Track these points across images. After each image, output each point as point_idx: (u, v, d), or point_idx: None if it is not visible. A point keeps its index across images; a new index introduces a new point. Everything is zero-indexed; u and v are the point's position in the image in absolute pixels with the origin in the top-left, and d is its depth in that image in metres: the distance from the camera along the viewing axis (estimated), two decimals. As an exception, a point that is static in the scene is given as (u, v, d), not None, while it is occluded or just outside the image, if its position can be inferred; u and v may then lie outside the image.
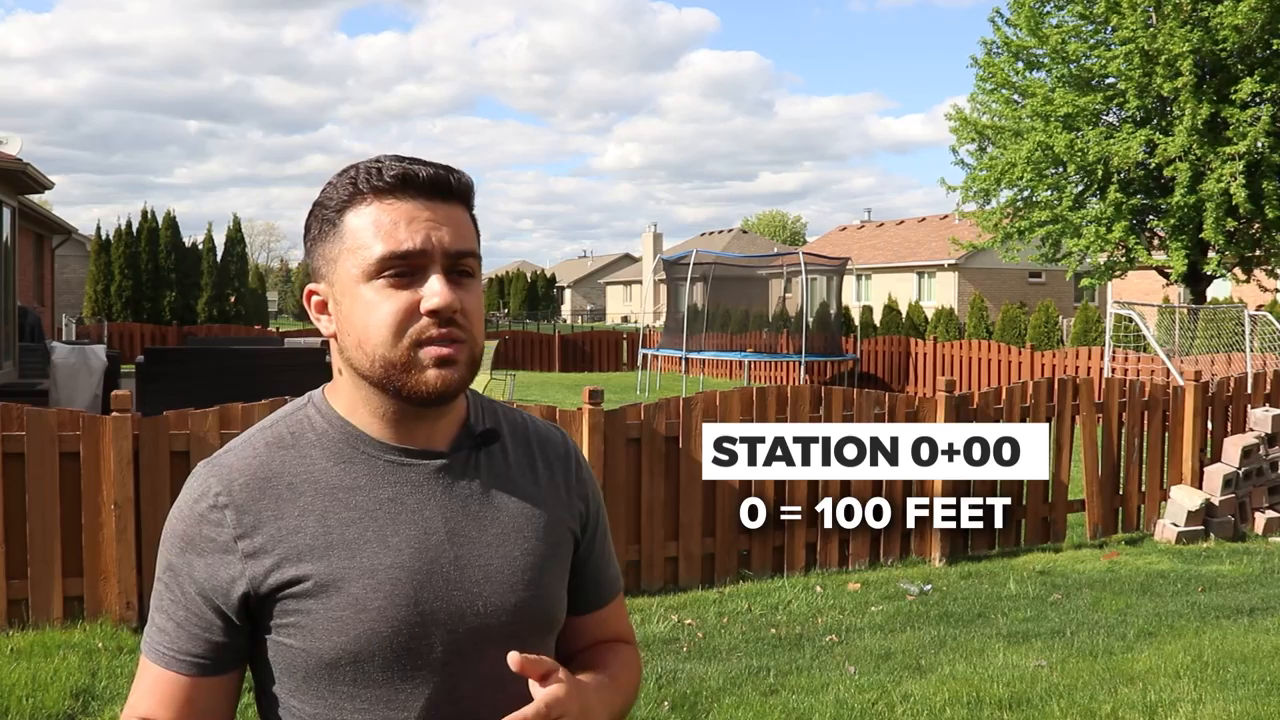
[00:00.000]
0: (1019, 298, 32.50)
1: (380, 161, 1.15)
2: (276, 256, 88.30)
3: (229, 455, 1.17)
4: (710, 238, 63.80)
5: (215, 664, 1.15)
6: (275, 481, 1.15)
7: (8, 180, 12.70)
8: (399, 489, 1.16)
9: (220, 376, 10.08)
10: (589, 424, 5.96)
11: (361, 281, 1.13)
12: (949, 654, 5.03)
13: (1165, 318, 16.08)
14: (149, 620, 1.18)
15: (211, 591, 1.13)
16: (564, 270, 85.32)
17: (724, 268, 21.95)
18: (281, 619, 1.13)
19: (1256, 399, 8.13)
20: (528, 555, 1.20)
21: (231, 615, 1.13)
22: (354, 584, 1.12)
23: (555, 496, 1.27)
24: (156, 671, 1.16)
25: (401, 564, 1.13)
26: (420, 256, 1.12)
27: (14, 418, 5.16)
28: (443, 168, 1.16)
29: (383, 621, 1.11)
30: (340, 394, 1.20)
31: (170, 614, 1.15)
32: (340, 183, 1.15)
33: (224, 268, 32.47)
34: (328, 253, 1.16)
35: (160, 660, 1.15)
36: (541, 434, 1.31)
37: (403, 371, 1.12)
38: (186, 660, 1.14)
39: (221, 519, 1.13)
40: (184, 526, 1.15)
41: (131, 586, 5.20)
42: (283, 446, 1.17)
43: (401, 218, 1.12)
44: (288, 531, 1.13)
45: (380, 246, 1.12)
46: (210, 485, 1.15)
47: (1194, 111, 17.09)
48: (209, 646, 1.14)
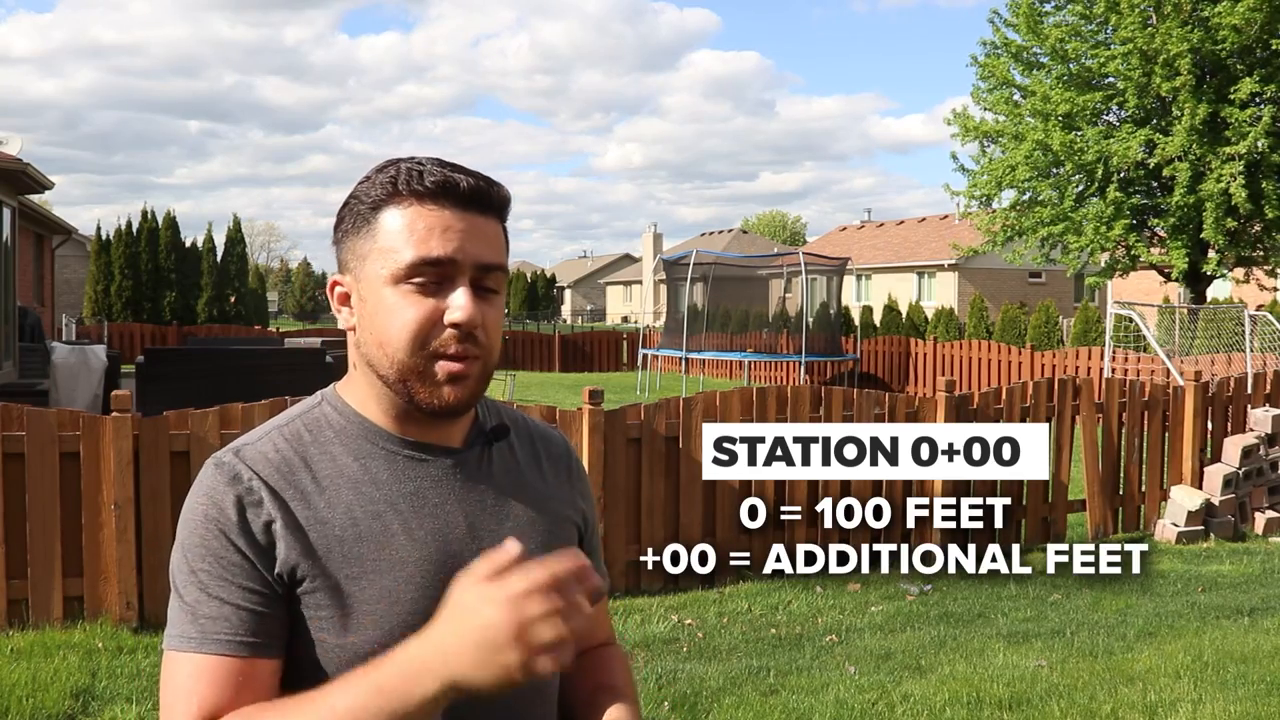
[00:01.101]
0: (1019, 298, 32.49)
1: (423, 164, 1.14)
2: (276, 257, 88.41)
3: (250, 448, 1.16)
4: (710, 238, 63.80)
5: (269, 646, 1.11)
6: (300, 473, 1.14)
7: (8, 180, 12.70)
8: (419, 484, 1.17)
9: (220, 377, 10.08)
10: (589, 424, 5.96)
11: (389, 283, 1.12)
12: (949, 654, 5.03)
13: (1165, 318, 16.08)
14: (181, 616, 1.11)
15: (263, 568, 1.10)
16: (564, 270, 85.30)
17: (724, 268, 21.95)
18: (314, 611, 1.12)
19: (1256, 399, 8.13)
20: (542, 548, 1.20)
21: (279, 594, 1.11)
22: (385, 576, 1.12)
23: (561, 493, 1.29)
24: (203, 661, 1.09)
25: (429, 557, 1.14)
26: (450, 266, 1.12)
27: (14, 418, 5.16)
28: (483, 179, 1.16)
29: (415, 614, 1.11)
30: (354, 390, 1.20)
31: (220, 595, 1.10)
32: (380, 179, 1.14)
33: (224, 268, 32.45)
34: (358, 248, 1.15)
35: (211, 647, 1.09)
36: (541, 433, 1.33)
37: (417, 380, 1.13)
38: (245, 642, 1.09)
39: (261, 500, 1.11)
40: (220, 507, 1.11)
41: (132, 587, 5.19)
42: (303, 441, 1.17)
43: (437, 225, 1.12)
44: (316, 521, 1.12)
45: (412, 251, 1.11)
46: (240, 471, 1.13)
47: (1193, 111, 17.09)
48: (262, 622, 1.10)
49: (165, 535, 5.25)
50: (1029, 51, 19.28)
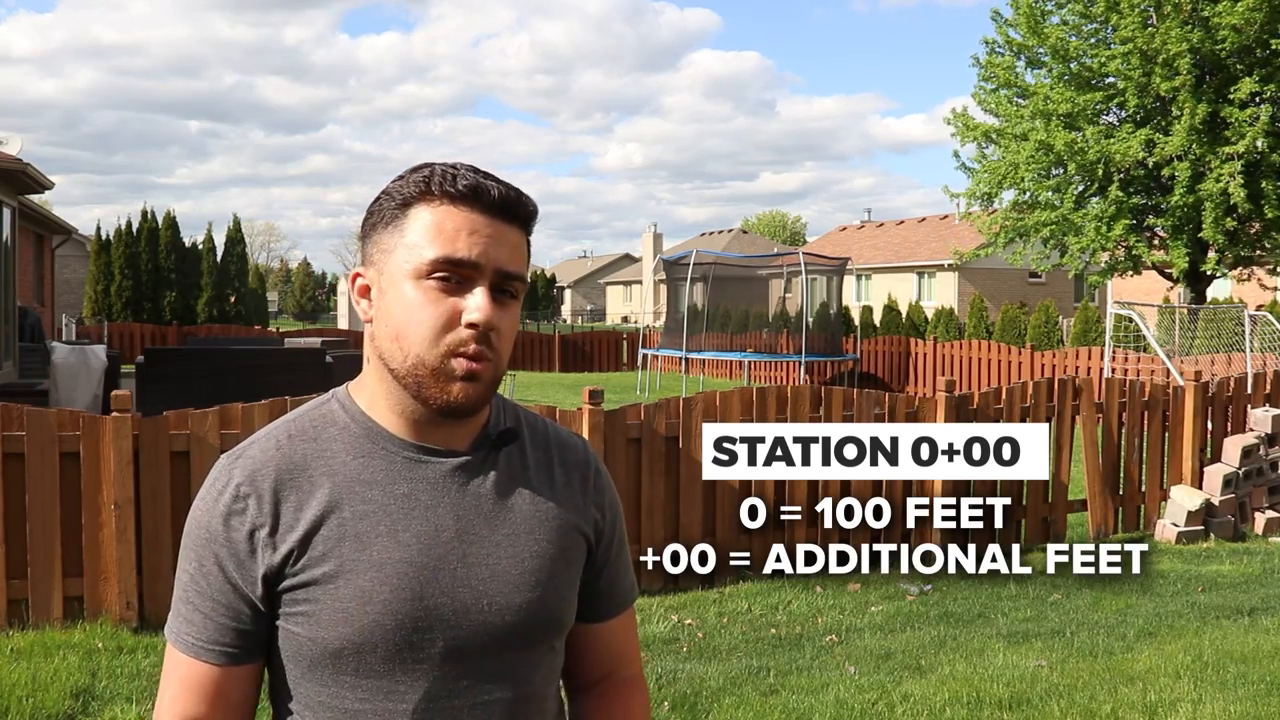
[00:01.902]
0: (1019, 298, 32.49)
1: (457, 168, 1.17)
2: (276, 256, 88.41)
3: (252, 447, 1.20)
4: (710, 238, 63.80)
5: (244, 652, 1.18)
6: (295, 473, 1.17)
7: (8, 180, 12.70)
8: (414, 485, 1.19)
9: (220, 376, 10.09)
10: (589, 424, 5.96)
11: (410, 278, 1.15)
12: (949, 654, 5.03)
13: (1165, 318, 16.08)
14: (174, 612, 1.20)
15: (238, 581, 1.16)
16: (564, 270, 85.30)
17: (724, 268, 21.96)
18: (291, 607, 1.16)
19: (1256, 399, 8.13)
20: (536, 557, 1.22)
21: (257, 603, 1.16)
22: (361, 576, 1.14)
23: (571, 501, 1.28)
24: (187, 663, 1.18)
25: (409, 559, 1.16)
26: (472, 268, 1.15)
27: (14, 418, 5.16)
28: (514, 190, 1.19)
29: (387, 614, 1.14)
30: (364, 389, 1.23)
31: (198, 605, 1.17)
32: (413, 179, 1.18)
33: (224, 268, 32.45)
34: (384, 241, 1.18)
35: (190, 651, 1.17)
36: (562, 440, 1.32)
37: (430, 376, 1.15)
38: (217, 650, 1.17)
39: (245, 509, 1.16)
40: (208, 518, 1.17)
41: (131, 587, 5.20)
42: (304, 439, 1.20)
43: (464, 226, 1.15)
44: (302, 521, 1.16)
45: (437, 249, 1.14)
46: (233, 476, 1.17)
47: (1193, 111, 17.09)
48: (237, 635, 1.17)
49: (165, 535, 5.26)
50: (1030, 50, 19.27)
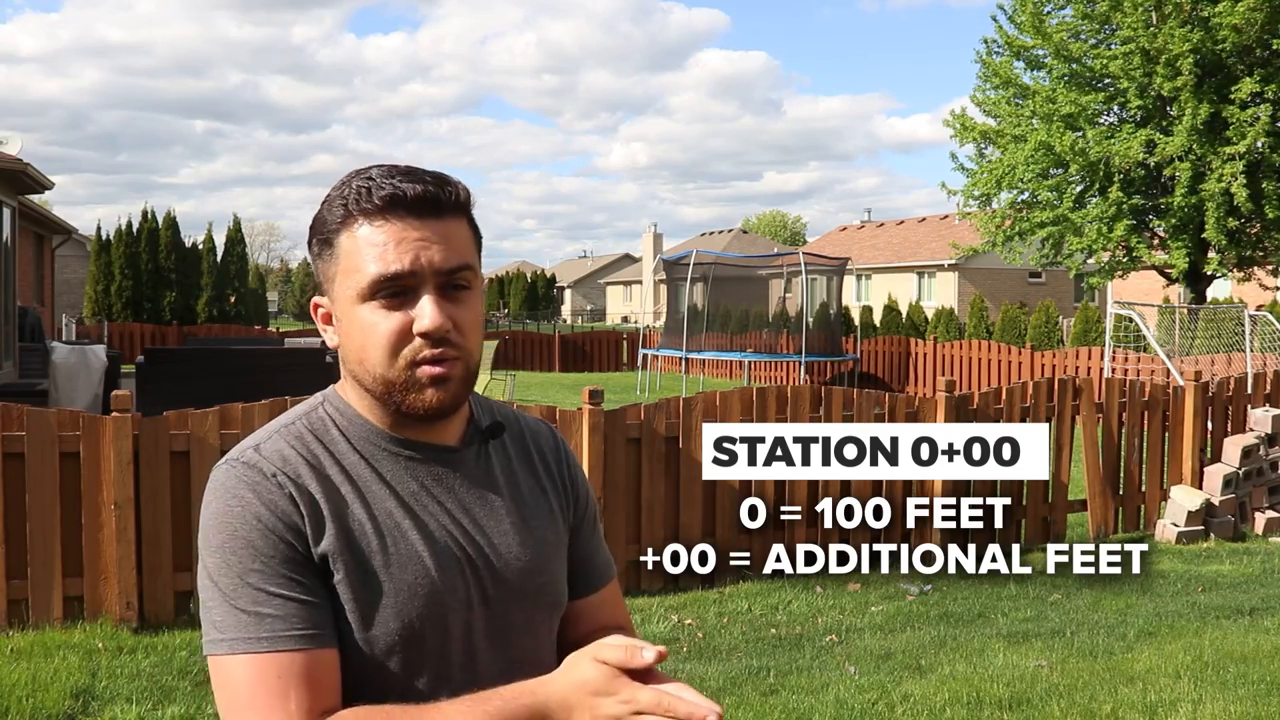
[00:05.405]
0: (1019, 298, 32.48)
1: (371, 180, 1.16)
2: (277, 256, 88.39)
3: (266, 446, 1.18)
4: (710, 238, 63.79)
5: (330, 636, 1.13)
6: (316, 470, 1.17)
7: (8, 180, 12.70)
8: (423, 482, 1.21)
9: (220, 377, 10.08)
10: (589, 424, 5.96)
11: (357, 302, 1.16)
12: (949, 654, 5.03)
13: (1165, 318, 16.08)
14: (238, 620, 1.10)
15: (309, 558, 1.13)
16: (564, 270, 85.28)
17: (724, 268, 21.96)
18: (341, 603, 1.15)
19: (1256, 399, 8.13)
20: (540, 542, 1.27)
21: (324, 583, 1.14)
22: (406, 571, 1.16)
23: (552, 486, 1.33)
24: (285, 659, 1.09)
25: (439, 552, 1.18)
26: (410, 278, 1.15)
27: (14, 418, 5.16)
28: (433, 182, 1.17)
29: (430, 607, 1.16)
30: (351, 394, 1.24)
31: (285, 594, 1.11)
32: (334, 203, 1.18)
33: (224, 268, 32.43)
34: (326, 271, 1.20)
35: (289, 644, 1.10)
36: (532, 428, 1.36)
37: (401, 390, 1.16)
38: (313, 635, 1.11)
39: (294, 494, 1.14)
40: (256, 507, 1.12)
41: (131, 587, 5.19)
42: (310, 441, 1.20)
43: (391, 238, 1.14)
44: (339, 515, 1.15)
45: (371, 269, 1.14)
46: (265, 467, 1.15)
47: (1194, 111, 17.08)
48: (324, 617, 1.12)
49: (165, 535, 5.26)
50: (1031, 50, 19.26)
